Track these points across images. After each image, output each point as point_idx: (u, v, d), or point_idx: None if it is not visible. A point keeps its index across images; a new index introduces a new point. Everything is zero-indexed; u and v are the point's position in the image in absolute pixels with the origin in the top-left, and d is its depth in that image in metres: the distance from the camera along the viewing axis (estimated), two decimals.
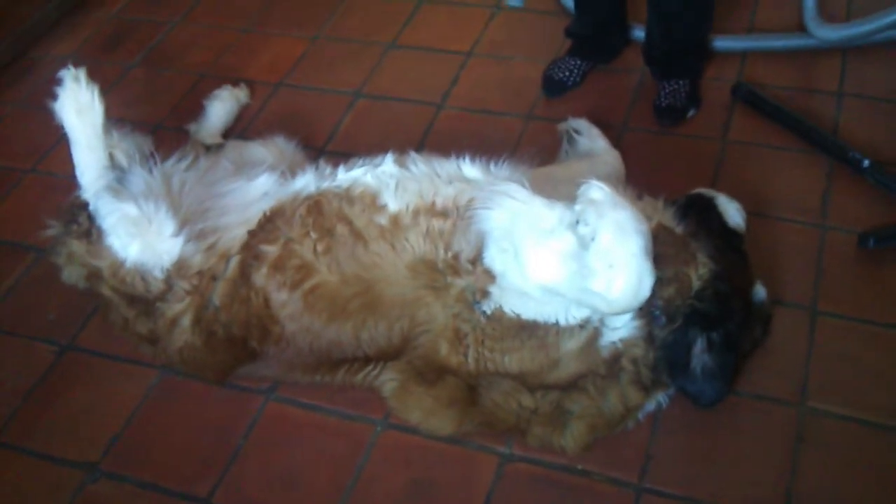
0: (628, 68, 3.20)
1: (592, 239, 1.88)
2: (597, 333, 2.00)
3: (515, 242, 1.94)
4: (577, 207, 1.92)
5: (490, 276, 2.01)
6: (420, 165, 2.24)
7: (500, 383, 2.07)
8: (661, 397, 2.14)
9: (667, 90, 2.99)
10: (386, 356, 2.16)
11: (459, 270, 2.04)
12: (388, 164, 2.26)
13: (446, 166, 2.24)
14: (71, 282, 2.43)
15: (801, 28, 3.13)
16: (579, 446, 2.10)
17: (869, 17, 3.02)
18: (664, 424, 2.18)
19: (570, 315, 1.98)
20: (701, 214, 2.19)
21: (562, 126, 2.82)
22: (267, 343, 2.20)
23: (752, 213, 2.61)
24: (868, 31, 3.03)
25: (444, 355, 2.07)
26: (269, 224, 2.22)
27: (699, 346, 2.03)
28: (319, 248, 2.14)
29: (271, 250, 2.18)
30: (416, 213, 2.12)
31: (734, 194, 2.64)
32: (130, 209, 2.20)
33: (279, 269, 2.16)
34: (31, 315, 2.65)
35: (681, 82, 2.99)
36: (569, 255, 1.88)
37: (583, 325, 1.99)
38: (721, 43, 3.19)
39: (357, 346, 2.14)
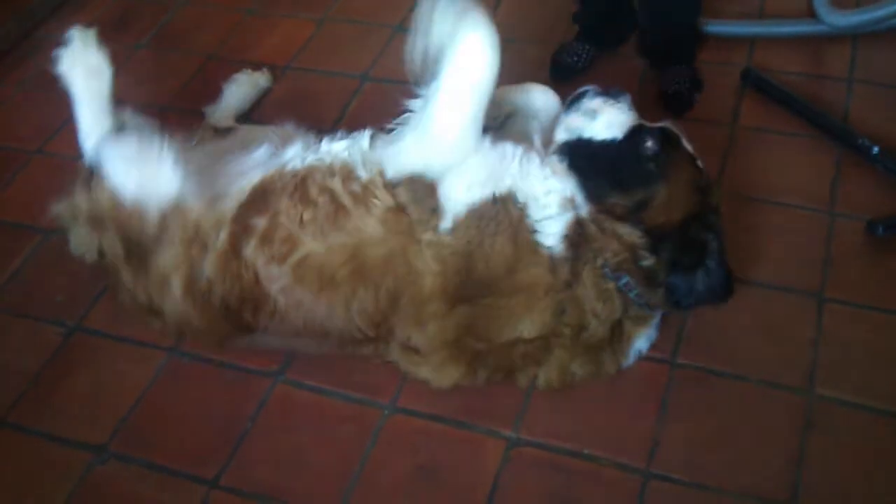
0: (636, 53, 3.18)
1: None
2: (524, 211, 2.08)
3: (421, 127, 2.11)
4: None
5: (428, 187, 2.10)
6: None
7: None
8: (647, 333, 2.20)
9: (669, 76, 2.98)
10: (377, 325, 2.18)
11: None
12: (363, 140, 2.28)
13: None
14: (79, 251, 2.44)
15: (811, 14, 3.11)
16: (558, 377, 2.17)
17: (879, 4, 3.00)
18: (672, 410, 2.18)
19: (498, 184, 2.08)
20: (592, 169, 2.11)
21: None
22: (261, 317, 2.23)
23: (760, 200, 2.63)
24: (879, 18, 3.01)
25: (429, 286, 2.10)
26: (259, 198, 2.24)
27: (699, 280, 2.07)
28: (305, 217, 2.17)
29: (260, 223, 2.20)
30: (380, 173, 2.17)
31: (742, 179, 2.67)
32: (131, 141, 2.27)
33: (267, 242, 2.18)
34: (38, 296, 2.65)
35: (681, 68, 2.99)
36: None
37: (520, 207, 2.07)
38: (731, 28, 3.18)
39: (349, 318, 2.16)
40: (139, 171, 2.23)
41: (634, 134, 2.10)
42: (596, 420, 2.18)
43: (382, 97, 3.18)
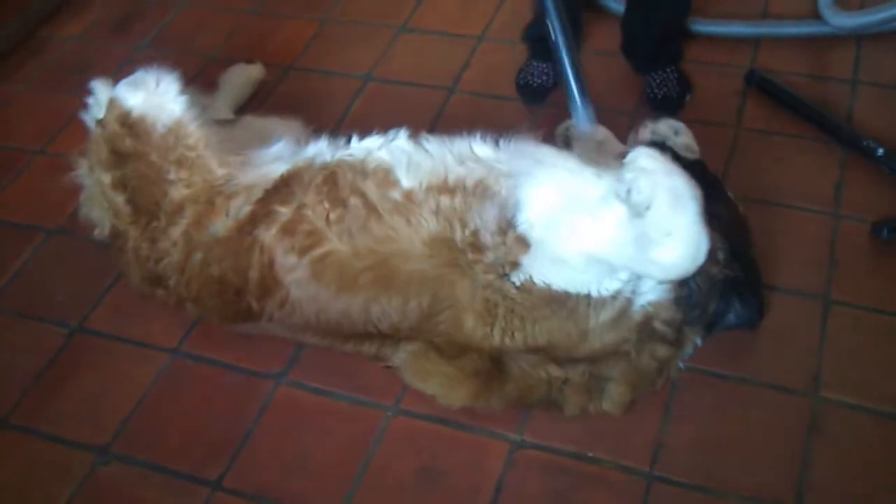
0: (617, 52, 3.12)
1: (647, 207, 1.88)
2: (629, 303, 1.99)
3: (563, 211, 1.94)
4: (628, 176, 1.92)
5: (523, 245, 1.99)
6: (432, 144, 2.24)
7: (525, 356, 2.06)
8: (688, 349, 2.15)
9: (657, 80, 2.94)
10: (399, 333, 2.14)
11: (482, 247, 2.03)
12: (401, 140, 2.26)
13: (457, 145, 2.23)
14: (90, 218, 2.49)
15: (816, 15, 3.10)
16: (619, 407, 2.11)
17: (884, 5, 2.99)
18: (676, 412, 2.18)
19: (603, 286, 1.97)
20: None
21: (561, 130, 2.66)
22: (268, 302, 2.20)
23: (764, 202, 2.62)
24: (883, 19, 2.99)
25: (470, 328, 2.04)
26: (285, 187, 2.23)
27: (735, 306, 2.15)
28: (332, 216, 2.14)
29: (284, 212, 2.18)
30: (430, 189, 2.11)
31: (746, 181, 2.66)
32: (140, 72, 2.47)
33: (289, 233, 2.16)
34: (40, 297, 2.64)
35: (668, 69, 2.95)
36: (623, 224, 1.88)
37: (615, 297, 1.98)
38: (734, 29, 3.17)
39: (367, 320, 2.13)
40: (146, 92, 2.39)
41: (697, 163, 2.26)
42: (600, 423, 2.16)
43: (386, 98, 3.18)
